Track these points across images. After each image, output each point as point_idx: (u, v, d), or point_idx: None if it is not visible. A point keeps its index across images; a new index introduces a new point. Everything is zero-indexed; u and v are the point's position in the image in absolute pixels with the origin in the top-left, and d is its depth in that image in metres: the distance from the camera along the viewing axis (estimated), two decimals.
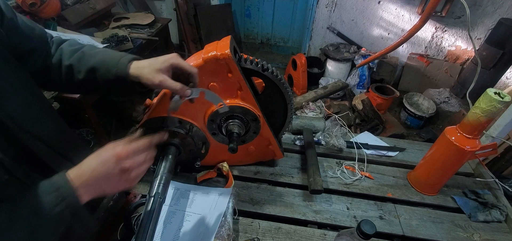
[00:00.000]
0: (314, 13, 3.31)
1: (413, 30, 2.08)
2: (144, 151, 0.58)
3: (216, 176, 1.01)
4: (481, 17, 2.75)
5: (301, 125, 1.23)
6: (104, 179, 0.53)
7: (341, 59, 3.15)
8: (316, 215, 0.91)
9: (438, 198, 1.00)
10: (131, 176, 0.56)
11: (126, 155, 0.54)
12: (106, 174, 0.52)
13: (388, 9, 3.04)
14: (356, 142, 1.17)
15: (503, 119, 1.02)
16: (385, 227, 0.89)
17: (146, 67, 0.62)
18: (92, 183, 0.52)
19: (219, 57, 0.70)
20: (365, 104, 2.59)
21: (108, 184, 0.54)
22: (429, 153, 0.99)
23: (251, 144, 0.95)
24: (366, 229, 0.57)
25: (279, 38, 3.94)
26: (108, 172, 0.52)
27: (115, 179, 0.54)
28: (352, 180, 1.03)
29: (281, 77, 0.81)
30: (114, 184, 0.55)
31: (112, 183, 0.54)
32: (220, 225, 0.82)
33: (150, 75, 0.60)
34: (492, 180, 1.05)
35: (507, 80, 2.86)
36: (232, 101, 0.80)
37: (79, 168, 0.52)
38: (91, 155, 0.54)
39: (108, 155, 0.53)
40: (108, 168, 0.52)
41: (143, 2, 3.22)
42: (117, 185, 0.55)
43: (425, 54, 3.18)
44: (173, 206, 0.89)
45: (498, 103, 0.75)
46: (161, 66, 0.61)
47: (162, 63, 0.61)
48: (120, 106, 2.48)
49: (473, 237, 0.88)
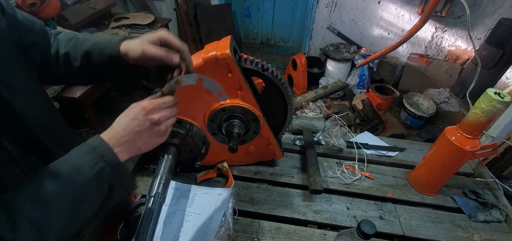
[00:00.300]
0: (314, 13, 3.31)
1: (413, 30, 2.08)
2: (168, 106, 0.60)
3: (216, 176, 1.01)
4: (481, 17, 2.75)
5: (301, 125, 1.23)
6: (137, 134, 0.54)
7: (341, 59, 3.15)
8: (316, 215, 0.91)
9: (438, 198, 1.00)
10: (161, 129, 0.58)
11: (153, 109, 0.56)
12: (138, 129, 0.54)
13: (388, 9, 3.04)
14: (356, 142, 1.17)
15: (503, 119, 1.02)
16: (385, 227, 0.89)
17: (134, 42, 0.62)
18: (126, 140, 0.53)
19: (219, 57, 0.70)
20: (365, 104, 2.59)
21: (142, 139, 0.55)
22: (429, 153, 0.99)
23: (251, 144, 0.95)
24: (366, 229, 0.57)
25: (279, 38, 3.94)
26: (139, 125, 0.54)
27: (147, 132, 0.56)
28: (352, 180, 1.03)
29: (281, 77, 0.81)
30: (147, 138, 0.56)
31: (145, 137, 0.56)
32: (220, 225, 0.82)
33: (136, 47, 0.60)
34: (492, 180, 1.05)
35: (507, 80, 2.86)
36: (232, 101, 0.80)
37: (111, 129, 0.54)
38: (119, 116, 0.56)
39: (136, 110, 0.55)
40: (138, 122, 0.54)
41: (143, 2, 3.22)
42: (149, 139, 0.57)
43: (425, 54, 3.18)
44: (173, 206, 0.89)
45: (498, 103, 0.75)
46: (148, 39, 0.61)
47: (150, 37, 0.61)
48: (120, 106, 2.48)
49: (473, 237, 0.88)
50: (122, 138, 0.53)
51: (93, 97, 1.77)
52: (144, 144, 0.57)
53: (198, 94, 0.79)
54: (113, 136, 0.53)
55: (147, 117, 0.55)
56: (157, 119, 0.56)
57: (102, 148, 0.51)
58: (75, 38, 0.67)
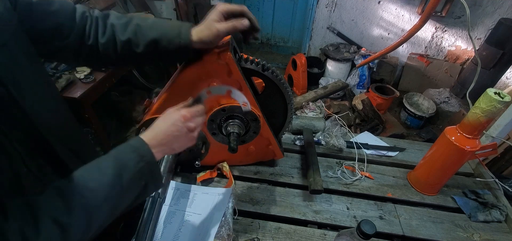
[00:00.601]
0: (314, 13, 3.31)
1: (413, 30, 2.08)
2: (201, 115, 0.66)
3: (216, 176, 1.01)
4: (481, 17, 2.75)
5: (301, 125, 1.23)
6: (175, 138, 0.61)
7: (341, 59, 3.15)
8: (316, 215, 0.91)
9: (438, 198, 1.00)
10: (194, 134, 0.65)
11: (190, 117, 0.63)
12: (177, 134, 0.61)
13: (388, 9, 3.04)
14: (356, 142, 1.17)
15: (503, 119, 1.02)
16: (385, 227, 0.89)
17: (204, 29, 0.65)
18: (165, 143, 0.60)
19: (219, 57, 0.70)
20: (365, 104, 2.59)
21: (177, 142, 0.62)
22: (429, 153, 0.99)
23: (251, 144, 0.95)
24: (366, 229, 0.57)
25: (279, 38, 3.94)
26: (178, 131, 0.61)
27: (183, 137, 0.62)
28: (352, 180, 1.03)
29: (281, 77, 0.81)
30: (182, 142, 0.63)
31: (181, 141, 0.63)
32: (220, 225, 0.82)
33: (209, 31, 0.64)
34: (492, 180, 1.05)
35: (507, 80, 2.86)
36: (232, 101, 0.80)
37: (152, 131, 0.60)
38: (159, 119, 0.62)
39: (177, 117, 0.61)
40: (177, 128, 0.61)
41: (143, 2, 3.22)
42: (184, 142, 0.64)
43: (425, 54, 3.18)
44: (173, 206, 0.89)
45: (498, 103, 0.75)
46: (214, 18, 0.65)
47: (214, 14, 0.65)
48: (120, 106, 2.48)
49: (473, 237, 0.88)
50: (162, 141, 0.59)
51: (93, 97, 1.76)
52: (178, 147, 0.63)
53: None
54: (153, 138, 0.58)
55: (185, 124, 0.62)
56: (193, 127, 0.63)
57: (143, 149, 0.56)
58: (132, 23, 0.66)
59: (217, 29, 0.63)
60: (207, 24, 0.65)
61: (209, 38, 0.65)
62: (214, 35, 0.64)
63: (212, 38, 0.64)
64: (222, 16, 0.65)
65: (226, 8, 0.65)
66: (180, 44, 0.65)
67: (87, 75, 1.71)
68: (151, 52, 0.66)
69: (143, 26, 0.66)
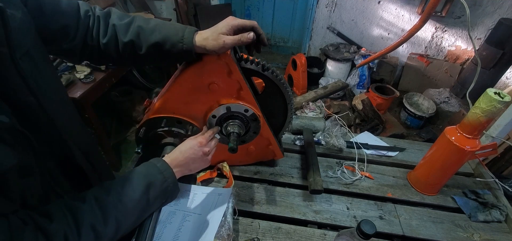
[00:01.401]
0: (314, 13, 3.31)
1: (413, 30, 2.07)
2: (213, 139, 0.78)
3: (216, 176, 1.01)
4: (481, 17, 2.75)
5: (301, 125, 1.23)
6: (192, 160, 0.71)
7: (341, 59, 3.15)
8: (316, 215, 0.91)
9: (438, 198, 1.00)
10: (209, 158, 0.75)
11: (206, 142, 0.74)
12: (194, 157, 0.71)
13: (388, 9, 3.04)
14: (356, 142, 1.17)
15: (503, 119, 1.02)
16: (385, 227, 0.89)
17: (210, 39, 0.65)
18: (183, 164, 0.70)
19: (219, 57, 0.70)
20: (365, 104, 2.59)
21: (194, 164, 0.72)
22: (429, 153, 0.99)
23: (251, 144, 0.95)
24: (366, 229, 0.57)
25: (279, 38, 3.94)
26: (194, 154, 0.71)
27: (199, 160, 0.73)
28: (352, 180, 1.03)
29: (281, 77, 0.81)
30: (198, 164, 0.73)
31: (197, 163, 0.73)
32: (220, 225, 0.82)
33: (215, 42, 0.64)
34: (492, 180, 1.05)
35: (507, 80, 2.86)
36: (232, 101, 0.80)
37: (173, 154, 0.71)
38: (179, 145, 0.73)
39: (194, 143, 0.72)
40: (195, 152, 0.71)
41: (143, 2, 3.22)
42: (199, 164, 0.74)
43: (425, 54, 3.18)
44: (173, 206, 0.89)
45: (498, 103, 0.75)
46: (222, 30, 0.65)
47: (224, 27, 0.65)
48: (120, 106, 2.48)
49: (473, 237, 0.88)
50: (181, 162, 0.70)
51: (93, 97, 1.76)
52: (195, 169, 0.73)
53: (198, 95, 0.79)
54: (174, 159, 0.69)
55: (201, 148, 0.72)
56: (208, 151, 0.74)
57: (167, 172, 0.66)
58: (135, 24, 0.65)
59: (224, 41, 0.63)
60: (214, 35, 0.64)
61: (214, 49, 0.65)
62: (219, 46, 0.64)
63: (217, 49, 0.64)
64: (231, 31, 0.65)
65: (237, 23, 0.65)
66: (183, 48, 0.65)
67: (87, 75, 1.71)
68: (153, 54, 0.66)
69: (146, 28, 0.66)
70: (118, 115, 2.55)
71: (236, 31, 0.66)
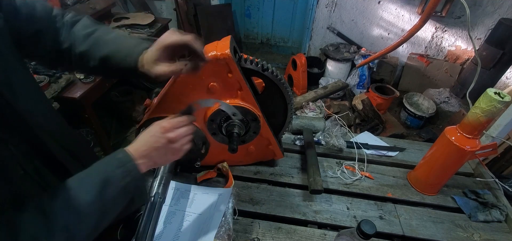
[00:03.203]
0: (314, 13, 3.31)
1: (413, 30, 2.08)
2: (185, 126, 0.64)
3: (216, 176, 1.01)
4: (481, 17, 2.75)
5: (301, 125, 1.23)
6: (154, 149, 0.58)
7: (341, 59, 3.15)
8: (316, 215, 0.91)
9: (438, 198, 1.00)
10: (176, 146, 0.61)
11: (170, 127, 0.60)
12: (155, 145, 0.59)
13: (388, 9, 3.04)
14: (356, 142, 1.17)
15: (503, 119, 1.02)
16: (385, 227, 0.89)
17: (148, 62, 0.61)
18: (146, 154, 0.58)
19: (219, 57, 0.70)
20: (365, 104, 2.59)
21: (158, 154, 0.59)
22: (429, 153, 0.99)
23: (251, 144, 0.95)
24: (366, 229, 0.57)
25: (279, 38, 3.94)
26: (157, 142, 0.59)
27: (163, 149, 0.59)
28: (352, 180, 1.03)
29: (281, 77, 0.81)
30: (163, 154, 0.60)
31: (161, 152, 0.60)
32: (220, 225, 0.82)
33: (151, 69, 0.61)
34: (492, 180, 1.05)
35: (507, 80, 2.86)
36: (232, 101, 0.80)
37: (135, 143, 0.58)
38: (143, 132, 0.61)
39: (156, 129, 0.60)
40: (156, 139, 0.59)
41: (143, 2, 3.22)
42: (165, 155, 0.61)
43: (425, 54, 3.18)
44: (173, 206, 0.89)
45: (498, 103, 0.75)
46: (157, 55, 0.60)
47: (156, 52, 0.60)
48: (120, 106, 2.48)
49: (473, 237, 0.88)
50: (143, 152, 0.57)
51: (93, 97, 1.76)
52: (159, 159, 0.60)
53: (198, 95, 0.79)
54: (136, 150, 0.57)
55: (164, 135, 0.59)
56: (173, 137, 0.60)
57: (130, 164, 0.55)
58: (94, 36, 0.63)
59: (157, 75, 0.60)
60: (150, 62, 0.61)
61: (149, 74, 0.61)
62: (155, 75, 0.61)
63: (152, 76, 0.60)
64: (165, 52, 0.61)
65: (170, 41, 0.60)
66: (129, 64, 0.62)
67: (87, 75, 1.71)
68: (106, 67, 0.64)
69: (102, 39, 0.63)
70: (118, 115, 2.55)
71: (171, 50, 0.61)
